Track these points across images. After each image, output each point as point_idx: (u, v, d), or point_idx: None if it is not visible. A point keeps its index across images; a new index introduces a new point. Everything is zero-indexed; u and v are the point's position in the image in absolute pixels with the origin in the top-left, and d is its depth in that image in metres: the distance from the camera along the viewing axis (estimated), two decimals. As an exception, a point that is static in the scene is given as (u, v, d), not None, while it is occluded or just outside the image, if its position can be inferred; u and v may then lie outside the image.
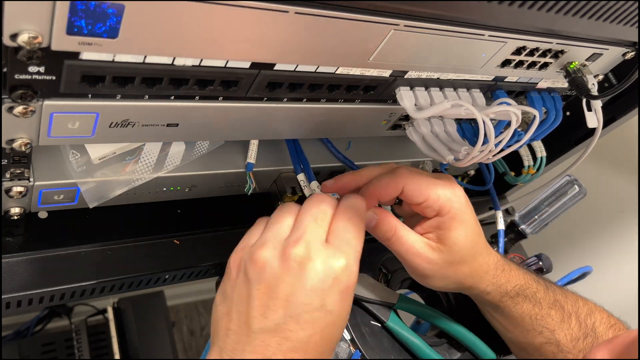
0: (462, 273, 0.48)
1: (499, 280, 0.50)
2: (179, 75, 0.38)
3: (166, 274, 0.54)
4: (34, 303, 0.48)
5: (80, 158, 0.47)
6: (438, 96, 0.50)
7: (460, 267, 0.47)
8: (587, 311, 0.53)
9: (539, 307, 0.52)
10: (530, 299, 0.51)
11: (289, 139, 0.57)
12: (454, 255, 0.46)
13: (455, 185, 0.47)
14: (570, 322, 0.52)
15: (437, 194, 0.46)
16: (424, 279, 0.49)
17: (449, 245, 0.46)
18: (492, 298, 0.51)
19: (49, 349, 1.13)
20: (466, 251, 0.47)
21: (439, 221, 0.46)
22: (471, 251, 0.47)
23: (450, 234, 0.46)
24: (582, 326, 0.52)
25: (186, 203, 0.58)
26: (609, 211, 1.07)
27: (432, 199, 0.46)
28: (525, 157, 0.72)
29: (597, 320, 0.53)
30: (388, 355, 0.54)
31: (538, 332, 0.52)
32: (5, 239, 0.49)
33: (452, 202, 0.46)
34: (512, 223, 0.72)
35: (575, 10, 0.40)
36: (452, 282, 0.49)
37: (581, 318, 0.52)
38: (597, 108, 0.55)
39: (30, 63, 0.31)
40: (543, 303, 0.52)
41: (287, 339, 0.34)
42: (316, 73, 0.42)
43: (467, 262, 0.48)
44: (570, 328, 0.52)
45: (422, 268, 0.47)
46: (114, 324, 1.14)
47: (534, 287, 0.52)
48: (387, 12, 0.37)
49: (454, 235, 0.46)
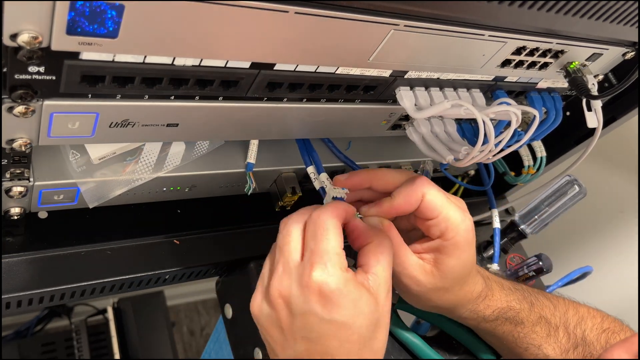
0: (445, 300, 0.48)
1: (477, 308, 0.50)
2: (179, 75, 0.38)
3: (166, 274, 0.54)
4: (34, 303, 0.48)
5: (80, 158, 0.47)
6: (438, 96, 0.50)
7: (445, 295, 0.47)
8: (577, 320, 0.53)
9: (522, 326, 0.51)
10: (511, 320, 0.51)
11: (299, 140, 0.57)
12: (444, 282, 0.46)
13: (466, 211, 0.46)
14: (558, 335, 0.52)
15: (449, 214, 0.45)
16: (405, 295, 0.48)
17: (442, 272, 0.45)
18: (470, 322, 0.52)
19: (49, 349, 1.13)
20: (457, 281, 0.46)
21: (441, 245, 0.45)
22: (461, 281, 0.47)
23: (448, 261, 0.45)
24: (571, 337, 0.52)
25: (186, 203, 0.58)
26: (609, 211, 1.07)
27: (443, 218, 0.44)
28: (525, 157, 0.72)
29: (587, 328, 0.52)
30: (388, 355, 0.54)
31: (524, 349, 0.52)
32: (5, 239, 0.49)
33: (459, 229, 0.45)
34: (512, 223, 0.72)
35: (575, 10, 0.40)
36: (434, 307, 0.49)
37: (570, 329, 0.52)
38: (597, 108, 0.55)
39: (30, 63, 0.31)
40: (526, 322, 0.51)
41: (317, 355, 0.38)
42: (316, 73, 0.42)
43: (454, 291, 0.47)
44: (558, 341, 0.51)
45: (410, 288, 0.46)
46: (114, 324, 1.14)
47: (516, 309, 0.51)
48: (387, 12, 0.37)
49: (451, 263, 0.45)
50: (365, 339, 0.38)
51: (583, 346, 0.51)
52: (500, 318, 0.51)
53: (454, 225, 0.44)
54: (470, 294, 0.49)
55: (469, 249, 0.46)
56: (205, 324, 1.67)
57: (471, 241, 0.46)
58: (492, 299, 0.50)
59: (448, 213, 0.45)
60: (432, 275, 0.46)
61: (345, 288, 0.37)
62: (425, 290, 0.46)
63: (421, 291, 0.46)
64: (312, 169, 0.55)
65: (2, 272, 0.47)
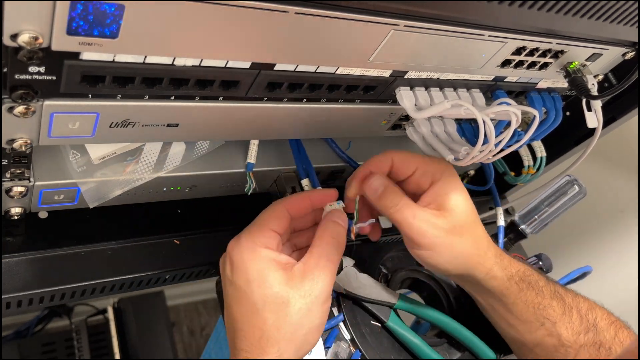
0: (466, 242, 0.48)
1: (502, 261, 0.50)
2: (179, 75, 0.38)
3: (166, 274, 0.54)
4: (34, 303, 0.48)
5: (80, 158, 0.47)
6: (438, 96, 0.50)
7: (464, 234, 0.47)
8: (588, 307, 0.53)
9: (542, 296, 0.51)
10: (533, 286, 0.51)
11: (292, 140, 0.57)
12: (457, 219, 0.47)
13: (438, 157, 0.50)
14: (572, 315, 0.51)
15: (425, 160, 0.49)
16: (429, 252, 0.47)
17: (450, 209, 0.47)
18: (499, 282, 0.50)
19: (49, 349, 1.13)
20: (467, 216, 0.48)
21: (436, 187, 0.48)
22: (471, 217, 0.48)
23: (450, 197, 0.47)
24: (584, 320, 0.51)
25: (186, 203, 0.58)
26: (609, 211, 1.07)
27: (423, 165, 0.48)
28: (525, 157, 0.72)
29: (598, 316, 0.52)
30: (388, 355, 0.54)
31: (540, 324, 0.51)
32: (5, 239, 0.49)
33: (442, 166, 0.48)
34: (512, 223, 0.71)
35: (575, 10, 0.40)
36: (458, 256, 0.48)
37: (582, 312, 0.52)
38: (597, 108, 0.55)
39: (31, 63, 0.31)
40: (545, 292, 0.51)
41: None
42: (316, 73, 0.42)
43: (470, 228, 0.48)
44: (572, 321, 0.51)
45: (428, 234, 0.46)
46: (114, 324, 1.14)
47: (535, 275, 0.52)
48: (387, 12, 0.37)
49: (453, 198, 0.47)
50: (258, 310, 0.41)
51: (594, 332, 0.51)
52: (525, 281, 0.51)
53: (437, 166, 0.48)
54: (486, 237, 0.50)
55: (457, 179, 0.49)
56: (205, 324, 1.67)
57: (455, 172, 0.49)
58: (510, 259, 0.51)
59: (424, 160, 0.49)
60: (443, 216, 0.47)
61: (251, 258, 0.42)
62: (444, 232, 0.46)
63: (441, 235, 0.46)
64: (306, 182, 0.56)
65: (2, 272, 0.47)
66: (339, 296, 0.55)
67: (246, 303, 0.42)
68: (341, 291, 0.54)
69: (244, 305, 0.42)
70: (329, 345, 0.52)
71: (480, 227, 0.50)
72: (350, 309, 0.54)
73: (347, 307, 0.54)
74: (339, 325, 0.53)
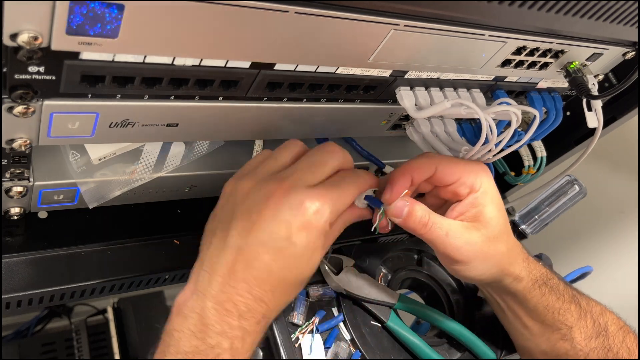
0: (501, 251, 0.47)
1: (529, 265, 0.50)
2: (179, 75, 0.38)
3: (166, 274, 0.54)
4: (34, 303, 0.48)
5: (80, 158, 0.47)
6: (438, 96, 0.50)
7: (498, 245, 0.47)
8: (600, 311, 0.53)
9: (562, 300, 0.51)
10: (554, 291, 0.51)
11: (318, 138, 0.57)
12: (492, 231, 0.46)
13: (480, 163, 0.48)
14: (586, 319, 0.52)
15: (468, 169, 0.47)
16: (465, 267, 0.47)
17: (486, 221, 0.46)
18: (524, 286, 0.50)
19: (49, 349, 1.13)
20: (502, 227, 0.47)
21: (474, 198, 0.46)
22: (505, 227, 0.48)
23: (486, 209, 0.46)
24: (596, 325, 0.52)
25: (186, 203, 0.58)
26: (609, 211, 1.07)
27: (465, 176, 0.46)
28: (525, 157, 0.72)
29: (609, 321, 0.52)
30: (388, 355, 0.54)
31: (557, 328, 0.51)
32: (5, 239, 0.48)
33: (483, 178, 0.47)
34: (512, 223, 0.71)
35: (575, 10, 0.40)
36: (494, 265, 0.48)
37: (595, 317, 0.52)
38: (597, 108, 0.55)
39: (30, 63, 0.31)
40: (565, 296, 0.51)
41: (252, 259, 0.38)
42: (316, 73, 0.42)
43: (504, 239, 0.47)
44: (586, 326, 0.51)
45: (463, 250, 0.45)
46: (114, 324, 1.14)
47: (556, 279, 0.52)
48: (387, 12, 0.37)
49: (489, 210, 0.46)
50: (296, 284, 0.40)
51: (604, 336, 0.51)
52: (547, 285, 0.51)
53: (477, 177, 0.46)
54: (518, 245, 0.49)
55: (496, 191, 0.47)
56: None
57: (494, 184, 0.48)
58: (534, 262, 0.51)
59: (468, 169, 0.47)
60: (477, 229, 0.46)
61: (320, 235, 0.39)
62: (479, 246, 0.46)
63: (476, 250, 0.46)
64: None
65: (2, 272, 0.47)
66: (339, 296, 0.55)
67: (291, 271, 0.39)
68: (341, 291, 0.54)
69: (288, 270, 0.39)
70: (329, 345, 0.52)
71: (511, 235, 0.49)
72: (350, 309, 0.54)
73: (347, 307, 0.54)
74: (339, 325, 0.53)
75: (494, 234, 0.46)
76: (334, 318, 0.53)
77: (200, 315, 0.37)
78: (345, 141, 0.60)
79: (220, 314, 0.37)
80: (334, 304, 0.55)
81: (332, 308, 0.55)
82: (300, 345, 0.50)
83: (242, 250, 0.38)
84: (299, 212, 0.38)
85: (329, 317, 0.53)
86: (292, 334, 0.51)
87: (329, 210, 0.39)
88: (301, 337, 0.51)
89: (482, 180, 0.47)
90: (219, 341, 0.37)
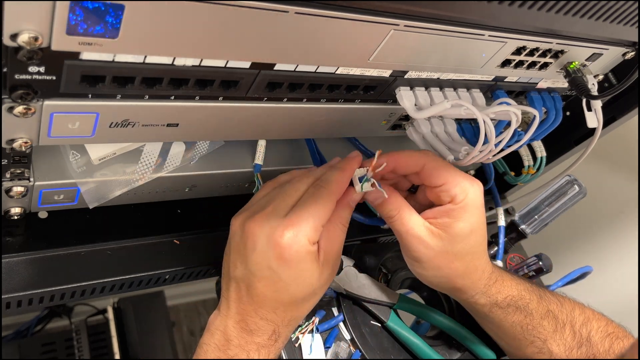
0: (455, 269, 0.47)
1: (490, 290, 0.50)
2: (179, 75, 0.38)
3: (166, 274, 0.54)
4: (34, 303, 0.48)
5: (80, 159, 0.47)
6: (438, 96, 0.50)
7: (454, 261, 0.47)
8: (583, 320, 0.52)
9: (531, 317, 0.51)
10: (522, 310, 0.51)
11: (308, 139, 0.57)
12: (452, 246, 0.46)
13: (476, 180, 0.47)
14: (564, 332, 0.51)
15: (457, 180, 0.46)
16: (416, 264, 0.48)
17: (450, 235, 0.46)
18: (482, 308, 0.51)
19: (49, 349, 1.13)
20: (465, 247, 0.46)
21: (450, 208, 0.46)
22: (471, 249, 0.47)
23: (457, 224, 0.45)
24: (577, 336, 0.51)
25: (186, 203, 0.58)
26: (609, 211, 1.07)
27: (451, 184, 0.46)
28: (525, 157, 0.72)
29: (592, 329, 0.52)
30: (388, 355, 0.54)
31: (530, 342, 0.51)
32: (5, 239, 0.49)
33: (468, 193, 0.46)
34: (512, 223, 0.71)
35: (575, 10, 0.40)
36: (443, 277, 0.48)
37: (576, 328, 0.52)
38: (597, 108, 0.55)
39: (31, 63, 0.31)
40: (535, 314, 0.51)
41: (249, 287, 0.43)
42: (316, 73, 0.42)
43: (463, 259, 0.47)
44: (564, 338, 0.51)
45: (418, 251, 0.46)
46: (114, 324, 1.14)
47: (526, 298, 0.51)
48: (387, 12, 0.37)
49: (459, 226, 0.45)
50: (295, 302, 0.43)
51: (587, 346, 0.51)
52: (512, 306, 0.50)
53: (463, 190, 0.46)
54: (481, 270, 0.48)
55: (478, 213, 0.46)
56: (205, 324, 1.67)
57: (480, 206, 0.46)
58: (503, 285, 0.50)
59: (457, 179, 0.46)
60: (440, 238, 0.46)
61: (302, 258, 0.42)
62: (433, 253, 0.46)
63: (429, 255, 0.46)
64: None
65: (2, 272, 0.47)
66: (339, 296, 0.55)
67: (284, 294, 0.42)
68: (341, 291, 0.54)
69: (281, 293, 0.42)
70: (329, 345, 0.52)
71: (481, 259, 0.48)
72: (350, 309, 0.54)
73: (347, 307, 0.54)
74: (339, 325, 0.53)
75: (455, 250, 0.46)
76: (334, 318, 0.53)
77: (223, 332, 0.44)
78: (348, 141, 0.60)
79: (238, 330, 0.43)
80: (334, 304, 0.55)
81: (332, 308, 0.55)
82: (300, 345, 0.50)
83: (241, 280, 0.43)
84: (273, 242, 0.41)
85: (329, 317, 0.53)
86: (292, 333, 0.51)
87: (303, 232, 0.41)
88: (301, 337, 0.51)
89: (466, 195, 0.45)
90: (237, 352, 0.43)
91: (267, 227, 0.42)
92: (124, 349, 1.12)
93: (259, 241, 0.42)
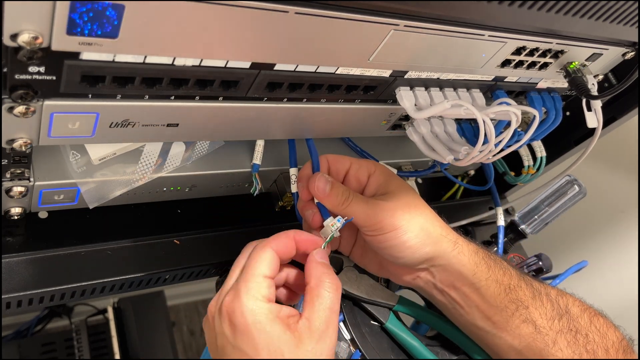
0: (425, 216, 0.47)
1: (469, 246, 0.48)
2: (179, 75, 0.38)
3: (166, 274, 0.54)
4: (34, 303, 0.48)
5: (80, 159, 0.47)
6: (438, 96, 0.50)
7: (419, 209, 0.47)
8: (557, 292, 0.51)
9: (509, 275, 0.49)
10: (499, 264, 0.49)
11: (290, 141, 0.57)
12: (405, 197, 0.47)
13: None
14: (542, 299, 0.49)
15: (357, 159, 0.51)
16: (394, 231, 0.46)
17: (392, 190, 0.48)
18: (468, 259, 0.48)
19: (49, 349, 1.13)
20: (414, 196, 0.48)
21: (376, 176, 0.49)
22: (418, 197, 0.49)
23: (391, 182, 0.49)
24: (555, 306, 0.49)
25: (186, 203, 0.58)
26: (609, 211, 1.07)
27: (356, 161, 0.50)
28: (525, 157, 0.72)
29: (569, 302, 0.50)
30: (388, 356, 0.54)
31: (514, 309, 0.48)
32: (5, 239, 0.49)
33: (373, 164, 0.51)
34: (512, 223, 0.72)
35: (575, 10, 0.40)
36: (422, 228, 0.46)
37: (552, 297, 0.50)
38: (597, 108, 0.55)
39: (31, 63, 0.31)
40: (512, 272, 0.50)
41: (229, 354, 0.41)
42: (316, 73, 0.42)
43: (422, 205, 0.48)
44: (543, 306, 0.49)
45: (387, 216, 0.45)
46: (114, 324, 1.14)
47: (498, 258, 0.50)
48: (387, 12, 0.37)
49: (394, 182, 0.49)
50: None
51: (568, 318, 0.49)
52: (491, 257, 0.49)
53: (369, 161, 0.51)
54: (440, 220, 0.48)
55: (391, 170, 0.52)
56: (205, 324, 1.67)
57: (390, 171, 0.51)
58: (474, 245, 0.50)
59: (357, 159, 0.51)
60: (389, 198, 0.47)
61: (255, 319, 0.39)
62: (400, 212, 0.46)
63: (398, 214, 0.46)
64: (294, 171, 0.55)
65: (2, 272, 0.47)
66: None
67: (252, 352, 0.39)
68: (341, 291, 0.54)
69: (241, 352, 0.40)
70: (329, 345, 0.52)
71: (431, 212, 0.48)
72: (350, 309, 0.54)
73: (347, 307, 0.54)
74: (339, 325, 0.53)
75: (409, 200, 0.47)
76: (334, 318, 0.53)
77: None
78: (341, 140, 0.60)
79: None
80: (334, 304, 0.55)
81: (332, 308, 0.55)
82: (300, 345, 0.50)
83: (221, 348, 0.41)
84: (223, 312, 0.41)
85: (329, 317, 0.53)
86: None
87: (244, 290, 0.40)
88: (301, 337, 0.51)
89: (375, 164, 0.51)
90: None
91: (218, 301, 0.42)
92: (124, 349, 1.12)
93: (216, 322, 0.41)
